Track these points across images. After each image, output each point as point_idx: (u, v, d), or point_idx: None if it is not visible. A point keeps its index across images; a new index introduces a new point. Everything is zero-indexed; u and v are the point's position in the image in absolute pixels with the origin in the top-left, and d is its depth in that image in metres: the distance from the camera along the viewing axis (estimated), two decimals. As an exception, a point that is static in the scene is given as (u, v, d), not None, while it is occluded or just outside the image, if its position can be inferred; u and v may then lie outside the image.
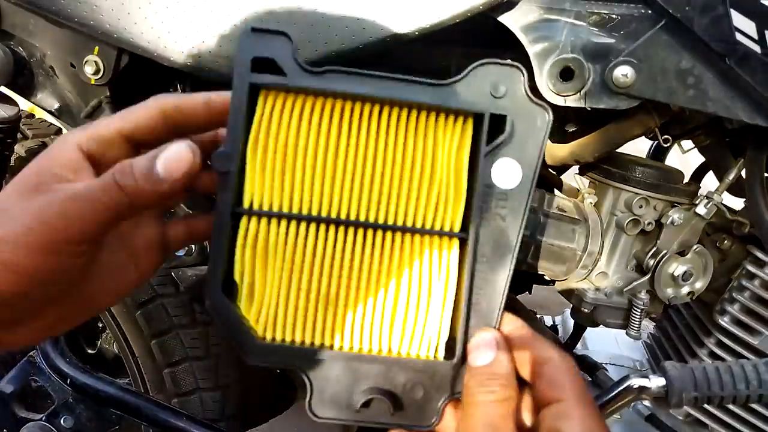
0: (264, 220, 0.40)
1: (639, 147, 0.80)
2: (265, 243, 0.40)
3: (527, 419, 0.37)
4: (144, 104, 0.41)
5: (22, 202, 0.37)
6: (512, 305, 0.74)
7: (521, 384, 0.37)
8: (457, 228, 0.40)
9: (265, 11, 0.56)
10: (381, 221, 0.40)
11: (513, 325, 0.39)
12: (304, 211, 0.40)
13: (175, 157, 0.38)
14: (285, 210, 0.40)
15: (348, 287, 0.40)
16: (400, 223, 0.40)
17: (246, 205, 0.40)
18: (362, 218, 0.40)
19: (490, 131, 0.39)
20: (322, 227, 0.40)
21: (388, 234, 0.40)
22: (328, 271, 0.40)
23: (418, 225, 0.40)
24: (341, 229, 0.40)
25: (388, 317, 0.41)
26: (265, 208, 0.40)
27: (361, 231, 0.40)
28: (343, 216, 0.40)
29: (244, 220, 0.40)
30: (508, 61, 0.40)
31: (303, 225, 0.40)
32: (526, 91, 0.40)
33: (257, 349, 0.40)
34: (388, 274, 0.40)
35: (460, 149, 0.40)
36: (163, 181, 0.38)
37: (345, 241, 0.40)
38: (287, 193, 0.40)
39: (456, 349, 0.40)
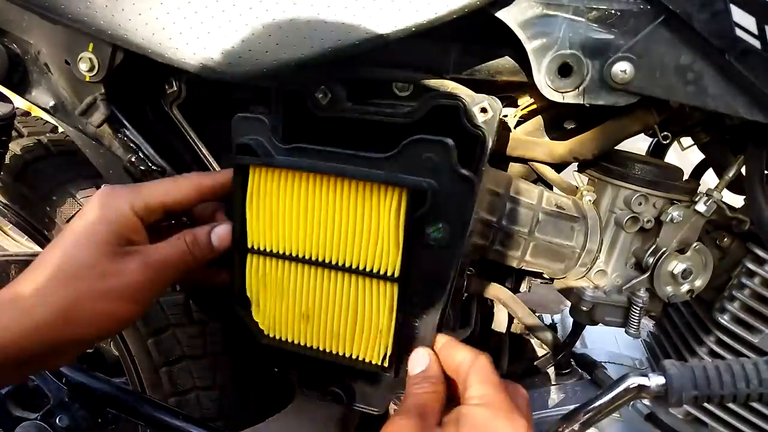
0: (262, 257, 0.55)
1: (639, 146, 0.80)
2: (264, 272, 0.56)
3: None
4: (183, 181, 0.54)
5: (115, 263, 0.48)
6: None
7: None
8: (396, 273, 0.51)
9: (259, 8, 0.55)
10: (340, 263, 0.53)
11: (443, 341, 0.52)
12: (287, 252, 0.54)
13: (224, 235, 0.55)
14: (274, 250, 0.55)
15: (319, 308, 0.55)
16: (354, 266, 0.52)
17: (249, 245, 0.55)
18: (327, 260, 0.53)
19: (425, 197, 0.49)
20: (300, 265, 0.54)
21: (346, 274, 0.53)
22: (305, 295, 0.55)
23: (368, 269, 0.52)
24: (312, 267, 0.54)
25: (350, 331, 0.55)
26: (261, 248, 0.55)
27: (326, 270, 0.53)
28: (313, 257, 0.54)
29: (249, 256, 0.56)
30: (438, 138, 0.49)
31: (287, 263, 0.55)
32: (452, 163, 0.49)
33: (263, 341, 0.58)
34: (347, 301, 0.54)
35: (399, 211, 0.50)
36: (215, 251, 0.54)
37: (315, 276, 0.54)
38: (275, 239, 0.55)
39: (394, 362, 0.53)
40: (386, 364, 0.54)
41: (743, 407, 0.69)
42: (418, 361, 0.51)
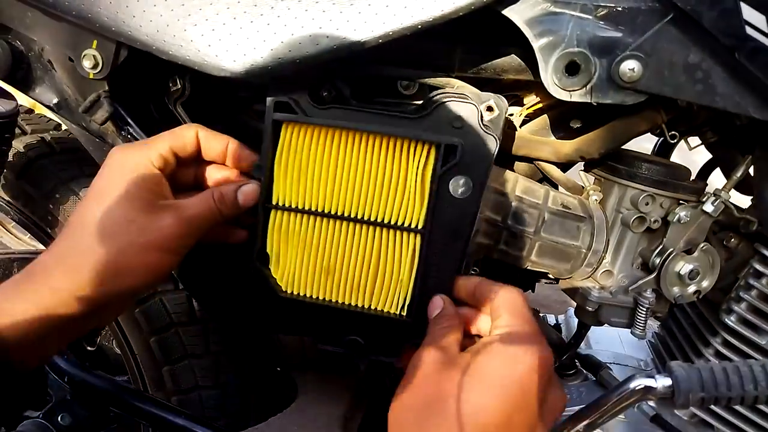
0: (286, 213, 0.58)
1: (645, 146, 0.79)
2: (287, 228, 0.58)
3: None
4: (183, 128, 0.58)
5: (151, 218, 0.52)
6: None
7: None
8: (420, 225, 0.56)
9: (263, 5, 0.55)
10: (366, 218, 0.57)
11: (471, 280, 0.56)
12: (313, 208, 0.57)
13: (250, 192, 0.57)
14: (300, 206, 0.58)
15: (342, 262, 0.58)
16: (379, 219, 0.57)
17: (274, 202, 0.58)
18: (352, 215, 0.57)
19: (451, 153, 0.54)
20: (325, 220, 0.57)
21: (371, 227, 0.57)
22: (328, 249, 0.58)
23: (393, 222, 0.56)
24: (337, 221, 0.57)
25: (370, 284, 0.58)
26: (287, 204, 0.58)
27: (351, 224, 0.57)
28: (339, 212, 0.57)
29: (273, 212, 0.58)
30: (466, 99, 0.54)
31: (312, 218, 0.58)
32: (479, 122, 0.54)
33: (280, 298, 0.60)
34: (369, 254, 0.58)
35: (426, 167, 0.55)
36: (240, 208, 0.57)
37: (340, 230, 0.57)
38: (301, 195, 0.57)
39: (414, 310, 0.57)
40: (404, 313, 0.58)
41: (749, 409, 0.68)
42: (434, 305, 0.55)
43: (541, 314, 0.78)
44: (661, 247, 0.62)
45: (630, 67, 0.51)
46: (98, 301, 0.51)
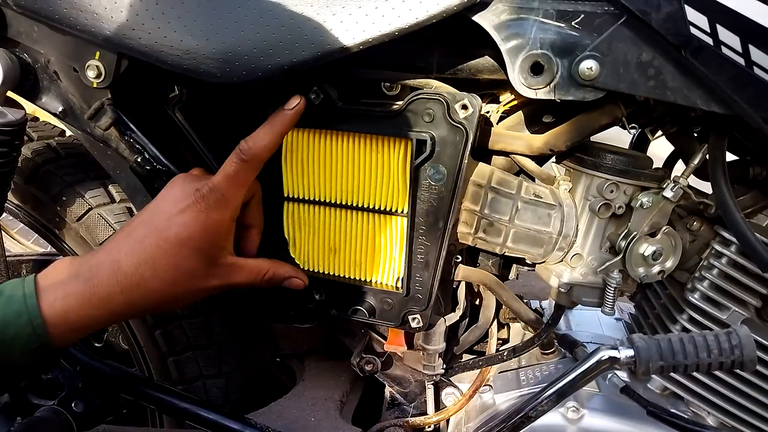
0: (296, 204, 0.69)
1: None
2: (298, 216, 0.70)
3: None
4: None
5: (209, 271, 0.61)
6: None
7: None
8: (405, 209, 0.65)
9: (254, 16, 0.59)
10: (360, 205, 0.67)
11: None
12: (317, 198, 0.68)
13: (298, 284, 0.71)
14: (306, 197, 0.69)
15: (344, 243, 0.69)
16: (371, 206, 0.66)
17: (286, 194, 0.69)
18: (349, 203, 0.67)
19: (423, 146, 0.61)
20: (328, 208, 0.68)
21: (365, 213, 0.67)
22: (333, 233, 0.69)
23: (382, 207, 0.66)
24: (338, 209, 0.68)
25: (369, 261, 0.69)
26: (296, 196, 0.69)
27: (349, 211, 0.67)
28: (338, 201, 0.67)
29: (285, 203, 0.69)
30: (435, 94, 0.60)
31: (317, 206, 0.69)
32: (448, 115, 0.60)
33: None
34: (366, 236, 0.68)
35: (405, 159, 0.63)
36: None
37: (340, 216, 0.68)
38: (307, 188, 0.68)
39: (405, 283, 0.68)
40: (399, 285, 0.69)
41: (718, 382, 0.73)
42: None
43: (524, 300, 0.83)
44: (626, 231, 0.66)
45: (588, 66, 0.56)
46: (141, 316, 0.63)
